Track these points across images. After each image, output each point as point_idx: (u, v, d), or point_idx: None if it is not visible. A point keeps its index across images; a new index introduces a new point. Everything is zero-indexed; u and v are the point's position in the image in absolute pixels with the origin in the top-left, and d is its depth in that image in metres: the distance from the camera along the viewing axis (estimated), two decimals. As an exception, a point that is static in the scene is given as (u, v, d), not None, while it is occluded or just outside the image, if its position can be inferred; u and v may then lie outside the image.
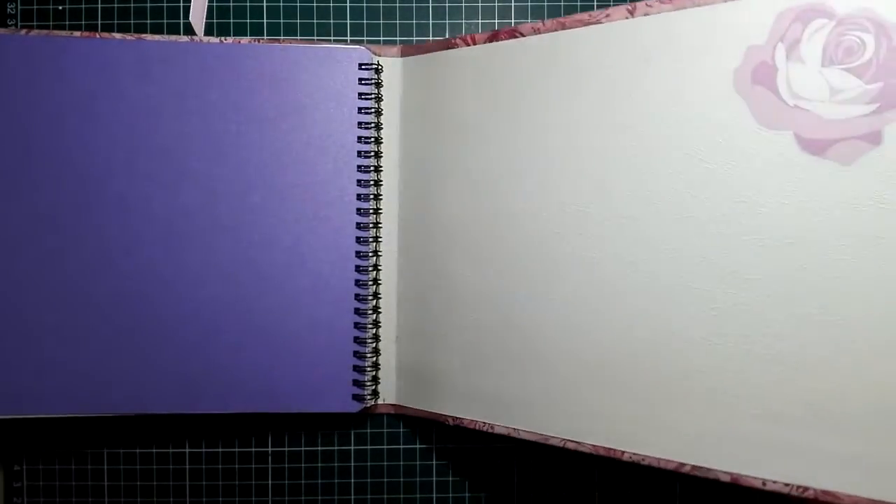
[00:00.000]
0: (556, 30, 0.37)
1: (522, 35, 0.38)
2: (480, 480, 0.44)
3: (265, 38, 0.44)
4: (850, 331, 0.30)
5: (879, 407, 0.30)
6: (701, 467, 0.33)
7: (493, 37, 0.39)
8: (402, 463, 0.44)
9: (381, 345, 0.42)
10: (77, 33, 0.40)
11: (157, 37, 0.41)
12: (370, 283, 0.41)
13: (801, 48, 0.31)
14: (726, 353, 0.33)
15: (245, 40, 0.41)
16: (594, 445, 0.36)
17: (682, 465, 0.34)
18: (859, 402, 0.30)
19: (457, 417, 0.40)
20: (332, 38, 0.44)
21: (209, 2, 0.44)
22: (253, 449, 0.44)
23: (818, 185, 0.31)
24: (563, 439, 0.37)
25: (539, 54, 0.37)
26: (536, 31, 0.37)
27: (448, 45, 0.40)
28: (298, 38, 0.44)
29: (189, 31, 0.44)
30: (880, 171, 0.29)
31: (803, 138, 0.31)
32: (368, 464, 0.44)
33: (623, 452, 0.35)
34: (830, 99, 0.30)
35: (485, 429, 0.39)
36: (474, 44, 0.39)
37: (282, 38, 0.44)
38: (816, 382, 0.31)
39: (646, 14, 0.34)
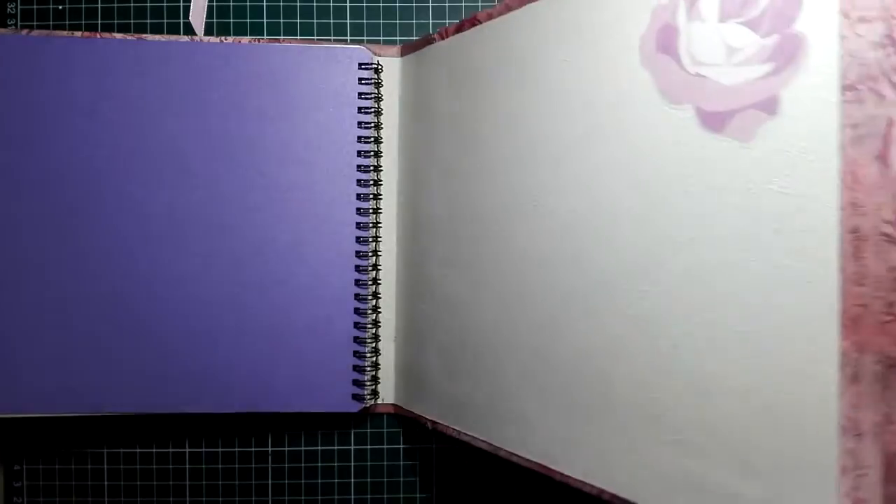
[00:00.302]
0: (503, 13, 0.35)
1: (481, 22, 0.36)
2: (481, 481, 0.44)
3: (265, 38, 0.44)
4: (751, 345, 0.26)
5: (789, 443, 0.25)
6: (619, 497, 0.30)
7: (460, 27, 0.38)
8: (402, 463, 0.44)
9: (380, 344, 0.42)
10: (77, 33, 0.40)
11: (157, 37, 0.41)
12: (370, 282, 0.41)
13: (701, 2, 0.27)
14: (636, 367, 0.29)
15: (245, 40, 0.41)
16: (533, 461, 0.34)
17: (603, 491, 0.31)
18: (767, 436, 0.25)
19: (435, 421, 0.39)
20: (332, 37, 0.44)
21: (209, 2, 0.44)
22: (253, 449, 0.44)
23: (718, 167, 0.26)
24: (510, 452, 0.35)
25: (492, 41, 0.36)
26: (490, 17, 0.36)
27: (428, 42, 0.40)
28: (298, 38, 0.44)
29: (189, 31, 0.44)
30: (778, 148, 0.25)
31: (704, 112, 0.27)
32: (368, 464, 0.44)
33: (555, 471, 0.33)
34: (728, 61, 0.26)
35: (455, 435, 0.38)
36: (447, 37, 0.39)
37: (282, 38, 0.44)
38: (721, 407, 0.26)
39: None
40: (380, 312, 0.42)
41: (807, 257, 0.24)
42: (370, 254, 0.41)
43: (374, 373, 0.42)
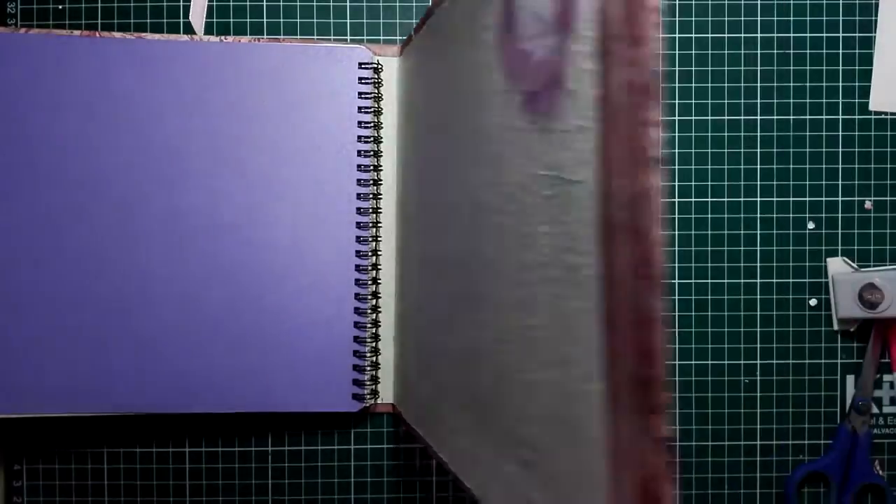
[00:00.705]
0: (439, 4, 0.32)
1: (431, 15, 0.35)
2: (480, 480, 0.44)
3: (265, 37, 0.44)
4: (542, 357, 0.23)
5: (569, 460, 0.21)
6: None
7: (422, 23, 0.37)
8: (402, 463, 0.44)
9: (380, 344, 0.42)
10: (77, 32, 0.40)
11: (157, 36, 0.40)
12: (370, 282, 0.41)
13: None
14: (489, 376, 0.27)
15: (245, 39, 0.41)
16: (453, 472, 0.31)
17: None
18: (561, 452, 0.22)
19: (408, 424, 0.39)
20: (332, 37, 0.44)
21: (209, 2, 0.44)
22: (253, 449, 0.44)
23: (533, 154, 0.23)
24: (443, 459, 0.33)
25: (430, 35, 0.34)
26: (435, 8, 0.34)
27: (410, 40, 0.40)
28: (298, 37, 0.44)
29: (189, 30, 0.44)
30: (565, 129, 0.21)
31: (526, 91, 0.23)
32: (368, 464, 0.44)
33: (464, 485, 0.30)
34: (540, 32, 0.23)
35: (415, 434, 0.37)
36: (418, 32, 0.38)
37: (282, 37, 0.44)
38: (531, 418, 0.24)
39: None
40: (380, 312, 0.42)
41: (577, 254, 0.20)
42: (370, 254, 0.41)
43: (373, 372, 0.42)
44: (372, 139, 0.41)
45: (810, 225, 0.44)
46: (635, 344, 0.18)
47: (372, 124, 0.41)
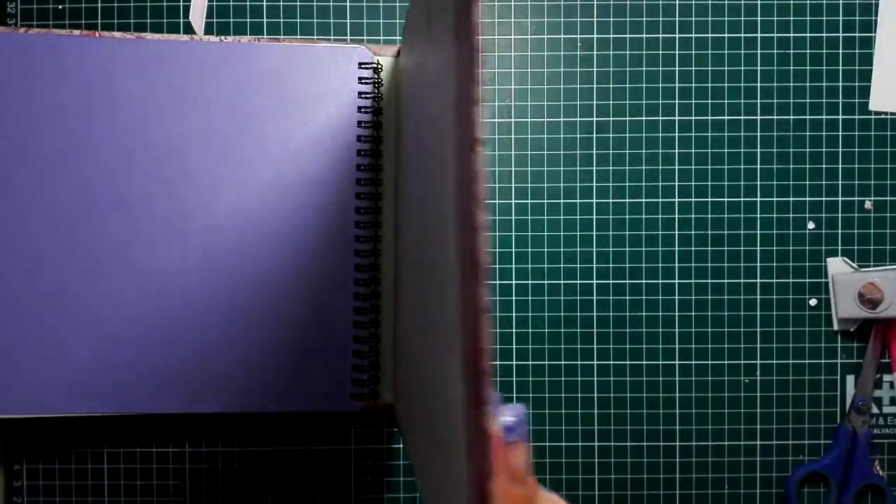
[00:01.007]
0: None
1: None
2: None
3: (265, 37, 0.44)
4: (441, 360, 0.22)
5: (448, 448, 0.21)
6: None
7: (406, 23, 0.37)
8: (402, 463, 0.44)
9: (380, 344, 0.42)
10: (77, 32, 0.40)
11: (157, 36, 0.40)
12: (369, 282, 0.41)
13: None
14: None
15: (245, 39, 0.41)
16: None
17: None
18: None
19: (398, 422, 0.38)
20: (332, 37, 0.44)
21: (209, 2, 0.44)
22: (253, 449, 0.44)
23: (443, 146, 0.22)
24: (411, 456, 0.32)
25: (406, 32, 0.33)
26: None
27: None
28: (298, 37, 0.44)
29: (189, 30, 0.44)
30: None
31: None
32: (368, 464, 0.44)
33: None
34: (441, 16, 0.22)
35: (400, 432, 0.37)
36: (404, 33, 0.38)
37: (282, 37, 0.44)
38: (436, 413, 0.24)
39: None
40: (380, 312, 0.42)
41: (447, 243, 0.19)
42: (370, 253, 0.41)
43: (373, 372, 0.42)
44: (372, 139, 0.41)
45: (810, 225, 0.44)
46: (468, 334, 0.17)
47: (372, 124, 0.41)
